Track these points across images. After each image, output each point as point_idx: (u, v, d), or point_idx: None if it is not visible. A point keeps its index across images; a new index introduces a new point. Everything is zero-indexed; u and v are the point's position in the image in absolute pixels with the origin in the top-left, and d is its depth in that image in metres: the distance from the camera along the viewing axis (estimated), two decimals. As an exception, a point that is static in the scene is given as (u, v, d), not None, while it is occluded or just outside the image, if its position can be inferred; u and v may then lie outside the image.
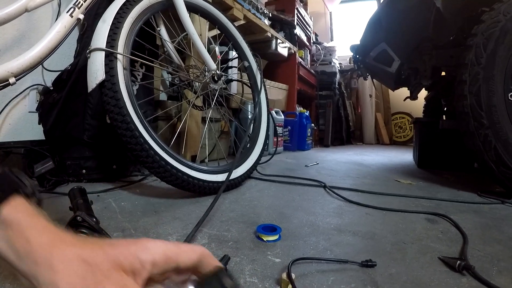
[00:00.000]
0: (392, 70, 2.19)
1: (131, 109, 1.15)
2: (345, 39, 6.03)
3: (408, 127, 5.75)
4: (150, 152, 1.13)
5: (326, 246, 0.84)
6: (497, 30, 1.53)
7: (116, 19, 1.22)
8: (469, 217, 1.16)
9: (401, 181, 1.84)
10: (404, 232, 0.98)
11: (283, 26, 3.73)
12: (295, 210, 1.17)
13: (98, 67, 1.13)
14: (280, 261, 0.73)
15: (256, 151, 1.64)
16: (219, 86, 1.57)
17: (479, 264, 0.76)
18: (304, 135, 3.51)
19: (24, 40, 1.57)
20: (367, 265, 0.71)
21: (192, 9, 1.59)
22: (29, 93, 1.61)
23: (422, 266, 0.74)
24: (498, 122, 1.48)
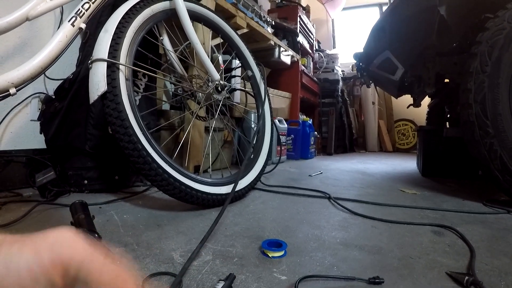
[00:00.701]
0: (396, 78, 2.18)
1: (134, 121, 1.14)
2: (348, 46, 6.04)
3: (411, 134, 5.73)
4: (153, 165, 1.13)
5: (333, 262, 0.83)
6: (502, 37, 1.53)
7: (118, 29, 1.21)
8: (476, 229, 1.15)
9: (406, 190, 1.83)
10: (410, 246, 0.96)
11: (285, 34, 3.73)
12: (300, 223, 1.15)
13: (100, 78, 1.12)
14: (286, 278, 0.72)
15: (260, 162, 1.63)
16: (222, 96, 1.57)
17: (486, 278, 0.75)
18: (307, 143, 3.50)
19: (26, 48, 1.57)
20: (375, 282, 0.70)
21: (195, 18, 1.59)
22: (31, 102, 1.62)
23: (429, 282, 0.73)
24: (503, 131, 1.47)
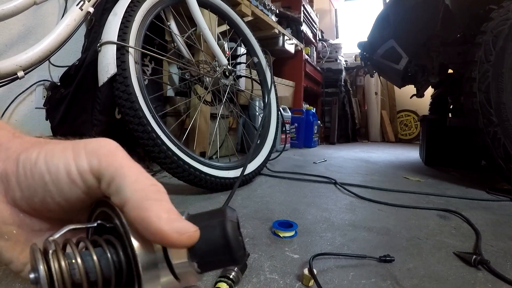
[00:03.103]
0: (400, 67, 2.19)
1: (143, 103, 1.15)
2: (350, 36, 6.03)
3: (414, 125, 5.74)
4: (162, 148, 1.14)
5: (343, 241, 0.85)
6: (506, 27, 1.54)
7: (127, 13, 1.21)
8: (480, 214, 1.17)
9: (410, 178, 1.84)
10: (417, 228, 0.98)
11: (289, 22, 3.72)
12: (308, 206, 1.17)
13: (110, 60, 1.12)
14: (299, 257, 0.74)
15: (266, 147, 1.65)
16: (229, 81, 1.58)
17: (493, 259, 0.76)
18: (310, 132, 3.51)
19: (30, 36, 1.57)
20: (385, 260, 0.72)
21: (202, 4, 1.58)
22: (35, 89, 1.61)
23: (438, 261, 0.75)
24: (507, 119, 1.48)
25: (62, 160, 0.25)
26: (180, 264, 0.24)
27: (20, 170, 0.26)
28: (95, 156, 0.25)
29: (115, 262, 0.24)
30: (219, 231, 0.25)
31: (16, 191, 0.26)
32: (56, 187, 0.25)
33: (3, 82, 1.03)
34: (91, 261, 0.23)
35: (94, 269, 0.23)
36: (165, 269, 0.24)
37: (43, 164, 0.25)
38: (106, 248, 0.24)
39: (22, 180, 0.26)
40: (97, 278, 0.23)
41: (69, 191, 0.25)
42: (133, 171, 0.25)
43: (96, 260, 0.23)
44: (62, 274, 0.22)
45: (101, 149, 0.26)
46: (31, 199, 0.26)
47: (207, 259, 0.25)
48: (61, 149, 0.26)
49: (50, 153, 0.25)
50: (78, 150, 0.25)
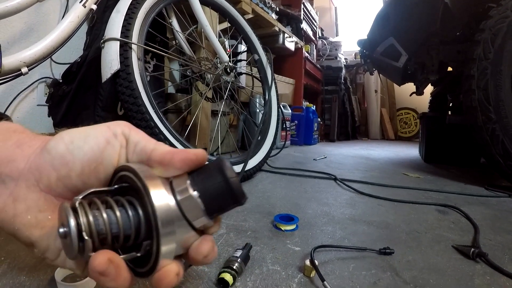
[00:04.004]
0: (400, 65, 2.20)
1: (146, 99, 1.16)
2: (350, 34, 6.05)
3: (413, 123, 5.76)
4: (165, 143, 1.15)
5: (343, 235, 0.86)
6: (505, 25, 1.55)
7: (130, 9, 1.22)
8: (478, 209, 1.18)
9: (409, 174, 1.86)
10: (416, 222, 1.00)
11: (289, 20, 3.73)
12: (308, 201, 1.19)
13: (113, 56, 1.14)
14: (300, 249, 0.75)
15: (266, 144, 1.66)
16: (231, 78, 1.59)
17: (491, 252, 0.77)
18: (311, 129, 3.52)
19: (32, 33, 1.57)
20: (385, 253, 0.73)
21: (203, 1, 1.60)
22: (37, 86, 1.61)
23: (437, 254, 0.76)
24: (505, 117, 1.50)
25: (98, 131, 0.31)
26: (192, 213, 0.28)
27: (54, 153, 0.30)
28: (126, 127, 0.32)
29: (135, 217, 0.27)
30: (220, 176, 0.28)
31: (51, 174, 0.30)
32: (94, 152, 0.30)
33: (7, 78, 1.04)
34: (114, 216, 0.26)
35: (116, 222, 0.26)
36: (181, 225, 0.28)
37: (79, 140, 0.30)
38: (127, 205, 0.27)
39: (57, 162, 0.29)
40: (119, 231, 0.26)
41: (105, 153, 0.30)
42: (153, 140, 0.32)
43: (118, 214, 0.26)
44: (90, 227, 0.25)
45: (128, 125, 0.33)
46: (67, 176, 0.30)
47: (213, 202, 0.28)
48: (94, 127, 0.32)
49: (83, 131, 0.31)
50: (109, 123, 0.32)
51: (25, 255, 0.63)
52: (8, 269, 0.58)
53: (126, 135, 0.32)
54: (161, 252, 0.26)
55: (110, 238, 0.26)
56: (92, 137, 0.30)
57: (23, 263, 0.61)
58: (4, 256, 0.63)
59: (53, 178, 0.30)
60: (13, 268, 0.59)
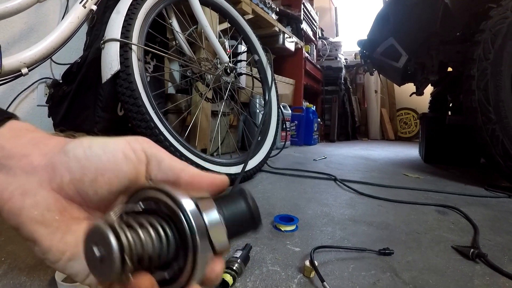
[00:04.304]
0: (400, 65, 2.20)
1: (146, 99, 1.16)
2: (350, 34, 6.05)
3: (413, 123, 5.75)
4: (165, 144, 1.15)
5: (343, 235, 0.86)
6: (505, 26, 1.55)
7: (130, 10, 1.22)
8: (478, 210, 1.18)
9: (409, 175, 1.86)
10: (416, 222, 1.00)
11: (289, 20, 3.73)
12: (308, 201, 1.19)
13: (113, 57, 1.14)
14: (300, 250, 0.76)
15: (266, 144, 1.66)
16: (231, 78, 1.59)
17: (490, 253, 0.78)
18: (311, 130, 3.52)
19: (32, 34, 1.58)
20: (385, 253, 0.73)
21: (203, 2, 1.59)
22: (37, 87, 1.62)
23: (437, 254, 0.76)
24: (505, 117, 1.50)
25: (117, 144, 0.30)
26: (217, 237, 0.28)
27: (71, 156, 0.30)
28: (146, 143, 0.31)
29: (169, 237, 0.27)
30: (244, 204, 0.30)
31: (65, 175, 0.29)
32: (111, 163, 0.30)
33: (7, 78, 1.04)
34: (150, 236, 0.26)
35: (152, 243, 0.26)
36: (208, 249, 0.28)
37: (98, 147, 0.30)
38: (159, 225, 0.27)
39: (73, 164, 0.29)
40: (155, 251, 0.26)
41: (122, 166, 0.30)
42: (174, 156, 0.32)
43: (153, 235, 0.26)
44: (130, 248, 0.24)
45: (149, 142, 0.32)
46: (80, 181, 0.30)
47: (234, 227, 0.29)
48: (114, 139, 0.31)
49: (103, 141, 0.31)
50: (129, 139, 0.31)
51: (25, 256, 0.64)
52: (9, 270, 0.58)
53: (147, 152, 0.31)
54: (196, 273, 0.27)
55: (146, 259, 0.26)
56: (110, 148, 0.30)
57: (24, 263, 0.61)
58: (4, 256, 0.63)
59: (66, 179, 0.30)
60: (14, 268, 0.59)
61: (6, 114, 0.34)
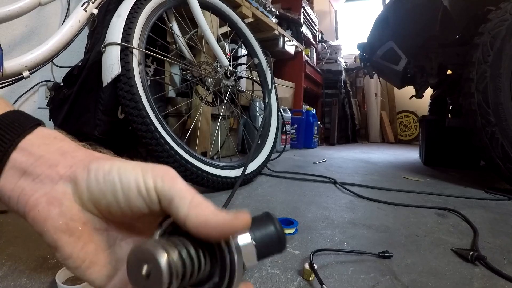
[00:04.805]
0: (399, 68, 2.21)
1: (147, 103, 1.16)
2: (350, 37, 6.05)
3: (413, 126, 5.76)
4: (165, 147, 1.15)
5: (342, 238, 0.87)
6: (504, 28, 1.56)
7: (130, 14, 1.22)
8: (478, 212, 1.18)
9: (409, 178, 1.86)
10: (416, 225, 1.00)
11: (289, 24, 3.74)
12: (308, 204, 1.19)
13: (114, 61, 1.14)
14: (299, 253, 0.76)
15: (266, 148, 1.66)
16: (231, 82, 1.60)
17: (490, 255, 0.78)
18: (310, 133, 3.53)
19: (33, 37, 1.58)
20: (384, 256, 0.73)
21: (203, 5, 1.60)
22: (38, 89, 1.62)
23: (436, 257, 0.77)
24: (505, 120, 1.50)
25: (133, 175, 0.30)
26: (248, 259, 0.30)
27: (92, 176, 0.31)
28: (160, 179, 0.30)
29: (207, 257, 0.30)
30: (273, 228, 0.31)
31: (84, 193, 0.31)
32: (124, 195, 0.30)
33: (8, 81, 1.05)
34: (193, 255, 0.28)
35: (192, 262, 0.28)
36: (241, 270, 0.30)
37: (116, 175, 0.30)
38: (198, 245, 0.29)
39: (93, 184, 0.30)
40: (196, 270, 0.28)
41: (135, 201, 0.30)
42: (189, 194, 0.29)
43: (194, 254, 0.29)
44: (177, 267, 0.26)
45: (165, 175, 0.30)
46: (97, 201, 0.31)
47: (263, 249, 0.31)
48: (132, 167, 0.31)
49: (123, 167, 0.31)
50: (146, 170, 0.30)
51: (26, 258, 0.64)
52: (9, 272, 0.59)
53: (159, 190, 0.30)
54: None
55: (187, 277, 0.28)
56: (126, 180, 0.30)
57: (24, 265, 0.61)
58: (5, 258, 0.63)
59: (85, 196, 0.31)
60: (14, 270, 0.59)
61: (34, 121, 0.35)
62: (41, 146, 0.33)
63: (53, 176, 0.31)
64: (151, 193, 0.30)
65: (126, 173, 0.30)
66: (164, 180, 0.30)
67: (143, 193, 0.30)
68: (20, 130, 0.33)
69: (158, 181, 0.30)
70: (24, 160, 0.32)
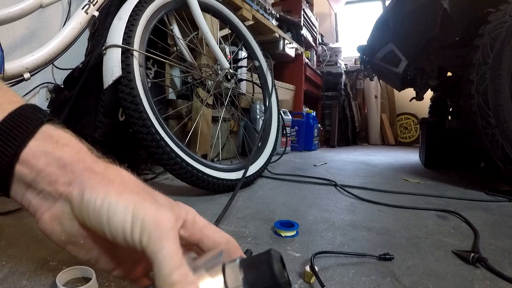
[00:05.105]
0: (399, 71, 2.21)
1: (147, 106, 1.17)
2: (350, 40, 6.06)
3: (413, 128, 5.76)
4: (166, 149, 1.15)
5: (343, 241, 0.86)
6: (503, 30, 1.56)
7: (131, 17, 1.23)
8: (478, 214, 1.18)
9: (409, 180, 1.86)
10: (416, 227, 1.00)
11: (290, 26, 3.75)
12: (308, 207, 1.19)
13: (115, 63, 1.14)
14: (300, 255, 0.76)
15: (267, 150, 1.66)
16: (231, 84, 1.60)
17: (491, 257, 0.78)
18: (311, 135, 3.53)
19: (34, 38, 1.58)
20: (385, 258, 0.73)
21: (204, 8, 1.60)
22: (38, 91, 1.62)
23: (437, 259, 0.76)
24: (505, 121, 1.50)
25: (121, 222, 0.30)
26: None
27: (84, 207, 0.32)
28: (146, 235, 0.29)
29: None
30: (267, 267, 0.31)
31: (78, 216, 0.33)
32: (111, 235, 0.31)
33: (9, 83, 1.05)
34: None
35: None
36: None
37: (105, 215, 0.31)
38: None
39: (84, 213, 0.32)
40: None
41: (121, 242, 0.31)
42: (172, 264, 0.29)
43: None
44: None
45: (154, 232, 0.30)
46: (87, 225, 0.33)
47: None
48: (123, 209, 0.31)
49: (113, 207, 0.31)
50: (136, 218, 0.30)
51: (26, 260, 0.64)
52: (10, 273, 0.59)
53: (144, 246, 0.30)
54: None
55: None
56: (115, 222, 0.30)
57: (25, 267, 0.61)
58: (5, 260, 0.63)
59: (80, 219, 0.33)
60: (15, 272, 0.59)
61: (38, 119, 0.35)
62: (42, 158, 0.33)
63: (53, 194, 0.33)
64: (136, 245, 0.30)
65: (114, 218, 0.30)
66: (151, 238, 0.29)
67: (129, 242, 0.30)
68: (22, 137, 0.33)
69: (144, 237, 0.29)
70: (27, 173, 0.33)
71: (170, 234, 0.30)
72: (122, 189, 0.32)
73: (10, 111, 0.34)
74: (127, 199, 0.31)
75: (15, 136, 0.32)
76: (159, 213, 0.31)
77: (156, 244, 0.29)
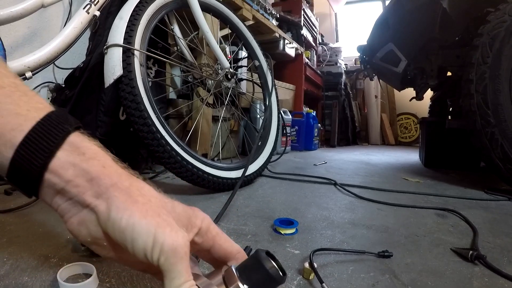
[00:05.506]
0: (399, 70, 2.22)
1: (148, 105, 1.17)
2: (350, 40, 6.06)
3: (414, 128, 5.76)
4: (166, 148, 1.16)
5: (342, 238, 0.87)
6: (503, 30, 1.56)
7: (132, 16, 1.23)
8: (478, 213, 1.19)
9: (409, 179, 1.86)
10: (416, 226, 1.00)
11: (290, 26, 3.75)
12: (308, 205, 1.19)
13: (116, 62, 1.15)
14: (299, 252, 0.76)
15: (267, 149, 1.67)
16: (231, 84, 1.60)
17: (489, 255, 0.78)
18: (311, 135, 3.53)
19: (35, 38, 1.59)
20: (384, 256, 0.74)
21: (204, 8, 1.61)
22: (40, 91, 1.62)
23: (435, 257, 0.77)
24: (504, 120, 1.50)
25: (143, 244, 0.34)
26: None
27: (110, 224, 0.35)
28: (164, 258, 0.34)
29: None
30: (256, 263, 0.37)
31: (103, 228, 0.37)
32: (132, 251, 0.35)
33: (11, 83, 1.05)
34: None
35: None
36: None
37: (129, 236, 0.35)
38: None
39: (110, 229, 0.36)
40: None
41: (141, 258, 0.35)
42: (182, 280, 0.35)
43: None
44: None
45: (172, 257, 0.34)
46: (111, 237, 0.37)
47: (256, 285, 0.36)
48: (146, 231, 0.34)
49: (137, 229, 0.34)
50: (156, 243, 0.34)
51: (27, 256, 0.64)
52: (11, 270, 0.59)
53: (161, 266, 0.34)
54: None
55: None
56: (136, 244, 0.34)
57: (26, 264, 0.62)
58: (6, 257, 0.64)
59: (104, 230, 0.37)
60: (16, 268, 0.60)
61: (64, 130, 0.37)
62: (70, 169, 0.36)
63: (81, 202, 0.37)
64: (154, 262, 0.34)
65: (138, 239, 0.34)
66: (167, 261, 0.34)
67: (148, 259, 0.34)
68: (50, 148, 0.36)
69: (161, 259, 0.34)
70: (57, 182, 0.36)
71: (184, 259, 0.35)
72: (146, 210, 0.35)
73: (38, 120, 0.36)
74: (150, 223, 0.34)
75: (44, 148, 0.35)
76: (176, 239, 0.35)
77: (171, 265, 0.34)
